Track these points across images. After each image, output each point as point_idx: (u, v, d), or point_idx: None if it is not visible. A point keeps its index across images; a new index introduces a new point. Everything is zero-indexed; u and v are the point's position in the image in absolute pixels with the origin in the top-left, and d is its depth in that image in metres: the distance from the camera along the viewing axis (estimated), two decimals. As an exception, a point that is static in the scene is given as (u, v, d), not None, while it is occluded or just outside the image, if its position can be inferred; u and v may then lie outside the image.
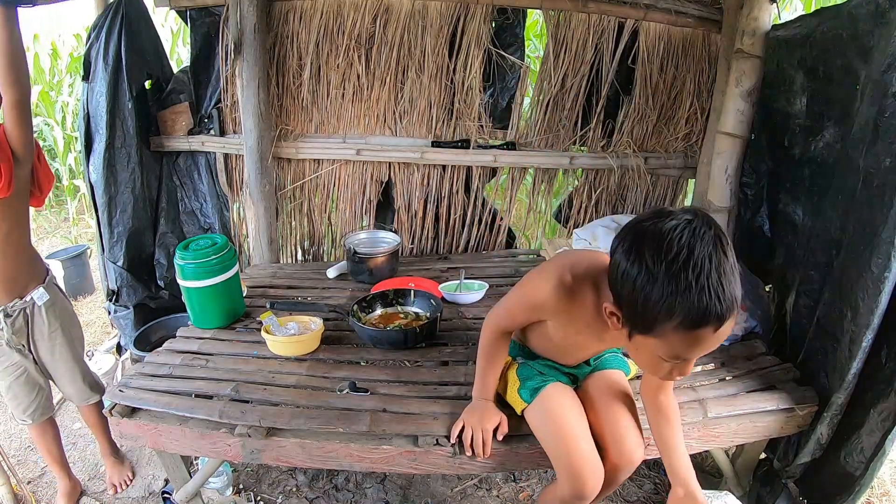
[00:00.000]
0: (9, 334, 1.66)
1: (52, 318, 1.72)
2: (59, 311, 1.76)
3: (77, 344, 1.84)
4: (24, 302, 1.67)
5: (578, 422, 1.29)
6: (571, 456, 1.24)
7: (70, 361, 1.80)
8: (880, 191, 1.29)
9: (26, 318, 1.69)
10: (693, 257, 0.86)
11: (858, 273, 1.34)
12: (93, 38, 2.36)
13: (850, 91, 1.50)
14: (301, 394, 1.52)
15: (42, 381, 1.79)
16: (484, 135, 2.49)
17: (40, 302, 1.69)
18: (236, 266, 1.89)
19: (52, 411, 1.85)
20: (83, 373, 1.86)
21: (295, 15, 2.41)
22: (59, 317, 1.75)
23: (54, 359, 1.77)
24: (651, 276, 0.89)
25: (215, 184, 2.68)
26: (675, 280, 0.87)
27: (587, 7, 2.29)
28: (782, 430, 1.50)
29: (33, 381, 1.76)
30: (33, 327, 1.71)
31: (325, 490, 1.95)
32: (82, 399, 1.88)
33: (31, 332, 1.71)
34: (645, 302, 0.91)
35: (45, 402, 1.81)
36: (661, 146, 2.47)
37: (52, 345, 1.75)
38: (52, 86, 5.10)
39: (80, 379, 1.84)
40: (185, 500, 1.67)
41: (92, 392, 1.88)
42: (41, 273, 1.73)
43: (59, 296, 1.77)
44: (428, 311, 1.92)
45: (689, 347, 0.93)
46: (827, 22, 1.63)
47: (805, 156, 1.74)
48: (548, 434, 1.29)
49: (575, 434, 1.26)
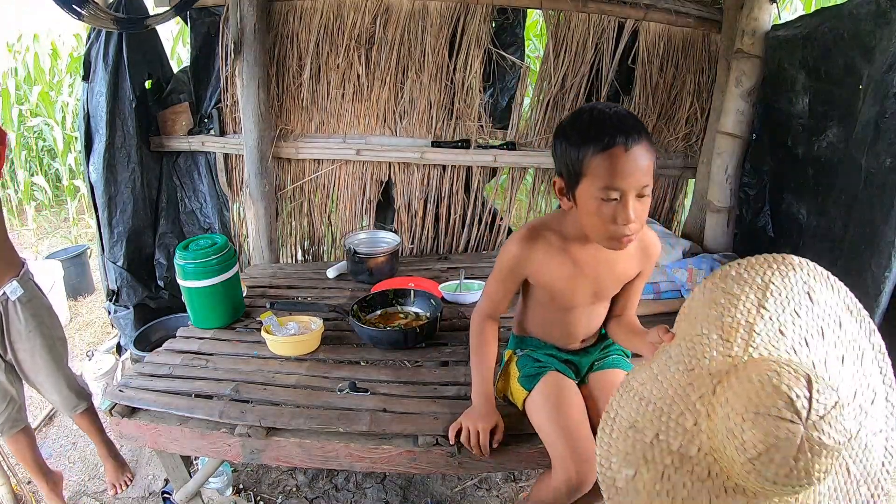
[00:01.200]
0: None
1: (28, 316, 1.63)
2: (37, 309, 1.66)
3: (59, 346, 1.74)
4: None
5: (576, 409, 1.29)
6: (567, 441, 1.22)
7: (52, 365, 1.70)
8: (881, 191, 1.29)
9: (0, 317, 1.60)
10: (593, 108, 1.12)
11: (859, 273, 1.34)
12: (93, 38, 2.36)
13: (852, 91, 1.50)
14: (301, 394, 1.52)
15: (13, 392, 1.70)
16: (484, 135, 2.49)
17: (13, 297, 1.58)
18: (236, 266, 1.89)
19: (23, 424, 1.76)
20: (67, 378, 1.77)
21: (295, 15, 2.41)
22: (36, 315, 1.65)
23: (34, 362, 1.68)
24: (569, 133, 1.11)
25: (215, 184, 2.68)
26: (583, 124, 1.10)
27: (587, 7, 2.29)
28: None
29: (3, 391, 1.67)
30: (9, 326, 1.61)
31: (325, 490, 1.95)
32: (69, 408, 1.80)
33: (6, 332, 1.62)
34: (570, 152, 1.10)
35: (17, 413, 1.72)
36: (661, 146, 2.47)
37: (31, 346, 1.65)
38: (52, 86, 5.09)
39: (64, 385, 1.75)
40: (185, 500, 1.67)
41: (79, 400, 1.80)
42: (15, 266, 1.63)
43: (36, 292, 1.68)
44: (428, 311, 1.92)
45: (612, 172, 1.05)
46: (828, 22, 1.63)
47: (808, 155, 1.74)
48: (544, 420, 1.28)
49: (571, 419, 1.25)
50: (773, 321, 0.94)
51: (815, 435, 0.81)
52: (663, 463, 0.92)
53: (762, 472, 0.84)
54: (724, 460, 0.88)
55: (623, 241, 1.11)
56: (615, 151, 1.04)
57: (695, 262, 1.91)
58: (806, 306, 0.97)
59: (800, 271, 0.99)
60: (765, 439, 0.83)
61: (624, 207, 1.06)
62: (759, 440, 0.84)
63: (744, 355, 0.93)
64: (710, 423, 0.90)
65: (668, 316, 1.95)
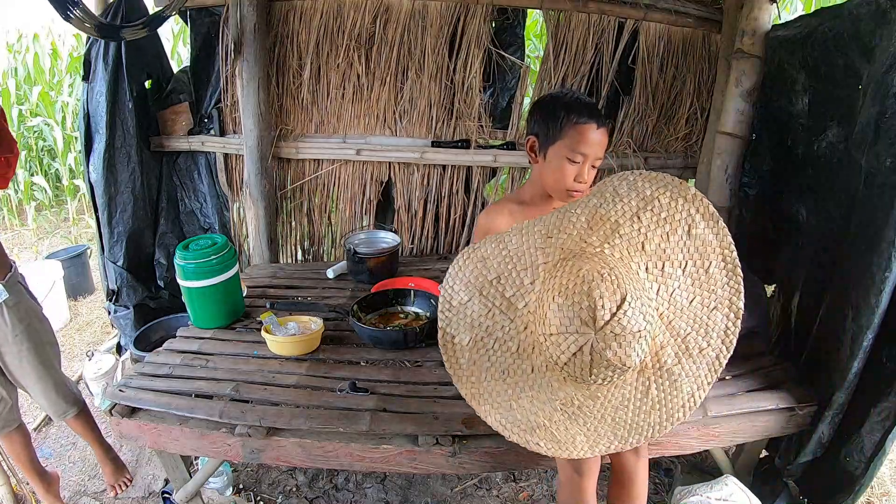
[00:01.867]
0: None
1: (15, 320, 1.59)
2: (25, 313, 1.62)
3: (48, 350, 1.71)
4: None
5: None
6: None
7: (40, 370, 1.67)
8: (881, 191, 1.29)
9: None
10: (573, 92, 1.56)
11: (859, 273, 1.34)
12: (93, 39, 2.35)
13: (852, 91, 1.50)
14: (301, 394, 1.52)
15: (4, 392, 1.68)
16: (484, 135, 2.49)
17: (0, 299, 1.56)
18: (236, 266, 1.89)
19: (16, 423, 1.75)
20: (56, 383, 1.73)
21: (295, 15, 2.41)
22: (23, 319, 1.62)
23: (22, 366, 1.65)
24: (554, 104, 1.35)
25: (215, 184, 2.68)
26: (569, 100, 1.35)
27: (587, 7, 2.29)
28: (782, 430, 1.50)
29: None
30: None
31: (325, 490, 1.95)
32: (58, 414, 1.77)
33: None
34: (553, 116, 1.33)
35: (8, 413, 1.70)
36: (661, 146, 2.47)
37: (18, 350, 1.62)
38: (52, 86, 5.10)
39: (52, 390, 1.72)
40: (185, 500, 1.67)
41: (68, 405, 1.77)
42: (2, 268, 1.59)
43: (23, 295, 1.64)
44: (428, 311, 1.92)
45: (583, 140, 1.30)
46: (828, 22, 1.63)
47: (808, 155, 1.74)
48: None
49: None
50: (640, 233, 1.01)
51: (601, 346, 0.94)
52: (493, 302, 1.06)
53: (550, 351, 0.98)
54: (534, 325, 1.02)
55: (574, 196, 1.33)
56: (589, 125, 1.30)
57: (695, 261, 1.90)
58: (680, 236, 1.02)
59: (691, 203, 1.02)
60: (559, 326, 0.95)
61: (582, 169, 1.32)
62: (555, 325, 0.96)
63: (597, 248, 1.00)
64: (540, 290, 1.01)
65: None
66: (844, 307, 1.39)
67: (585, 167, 1.32)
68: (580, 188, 1.34)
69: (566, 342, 0.95)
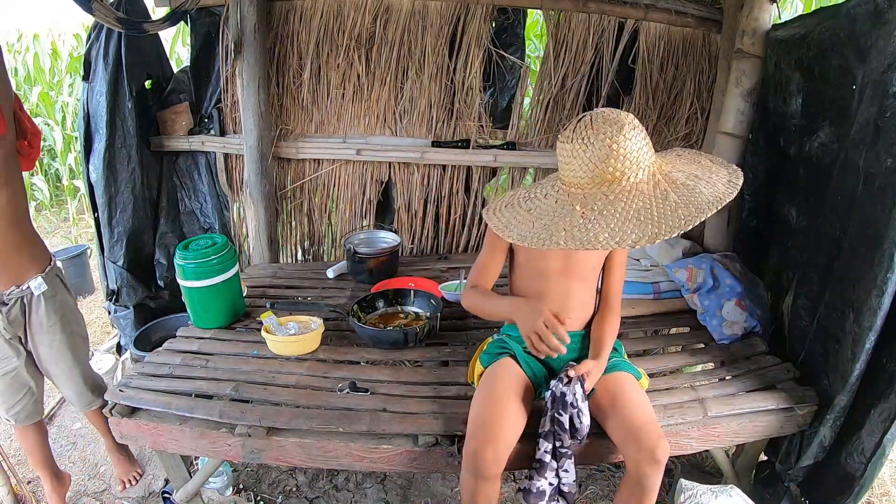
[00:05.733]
0: (4, 323, 1.57)
1: (50, 312, 1.63)
2: (60, 305, 1.66)
3: (79, 343, 1.74)
4: (20, 290, 1.57)
5: (512, 394, 1.32)
6: (485, 413, 1.28)
7: (70, 360, 1.71)
8: (881, 192, 1.29)
9: (23, 309, 1.60)
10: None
11: (860, 274, 1.34)
12: (93, 38, 2.36)
13: (845, 91, 1.50)
14: (301, 394, 1.52)
15: (32, 383, 1.70)
16: (484, 135, 2.49)
17: (37, 292, 1.59)
18: (236, 266, 1.89)
19: (39, 416, 1.76)
20: (84, 375, 1.77)
21: (295, 15, 2.41)
22: (59, 311, 1.65)
23: (52, 355, 1.68)
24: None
25: (215, 184, 2.68)
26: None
27: (587, 7, 2.29)
28: (782, 430, 1.50)
29: (21, 381, 1.67)
30: (30, 319, 1.62)
31: (325, 490, 1.95)
32: (83, 404, 1.80)
33: (28, 325, 1.62)
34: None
35: (33, 405, 1.72)
36: (662, 146, 2.47)
37: (50, 339, 1.65)
38: (52, 86, 5.10)
39: (80, 381, 1.75)
40: (185, 500, 1.67)
41: (94, 397, 1.79)
42: (43, 260, 1.63)
43: (60, 288, 1.68)
44: (428, 311, 1.92)
45: None
46: (825, 22, 1.62)
47: (800, 155, 1.74)
48: (479, 393, 1.35)
49: (502, 397, 1.31)
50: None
51: (616, 146, 1.13)
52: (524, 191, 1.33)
53: (570, 147, 1.17)
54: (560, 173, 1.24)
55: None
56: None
57: (694, 261, 1.90)
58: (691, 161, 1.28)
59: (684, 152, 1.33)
60: (576, 127, 1.18)
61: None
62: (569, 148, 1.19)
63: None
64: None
65: (668, 316, 1.95)
66: (845, 309, 1.39)
67: None
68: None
69: (585, 131, 1.16)
